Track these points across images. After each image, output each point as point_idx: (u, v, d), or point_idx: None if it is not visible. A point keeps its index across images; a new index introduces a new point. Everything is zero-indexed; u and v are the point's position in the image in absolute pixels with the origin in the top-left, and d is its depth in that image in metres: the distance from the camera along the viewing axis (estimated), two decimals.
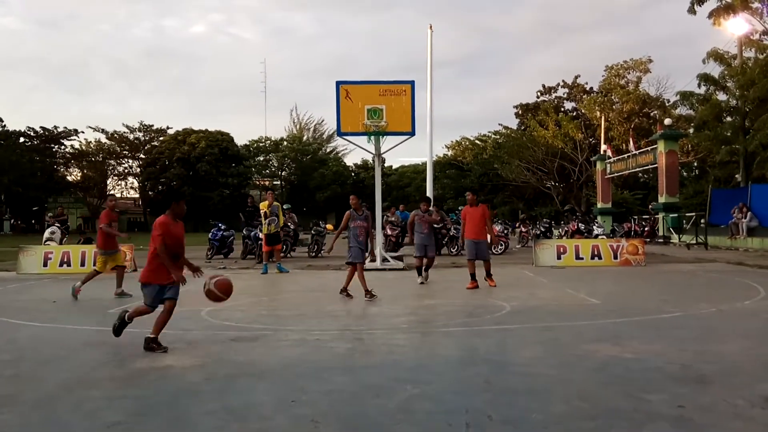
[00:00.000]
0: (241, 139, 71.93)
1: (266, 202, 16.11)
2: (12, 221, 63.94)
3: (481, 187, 62.39)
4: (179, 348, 6.49)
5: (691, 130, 36.58)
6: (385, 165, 55.30)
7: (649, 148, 30.70)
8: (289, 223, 20.30)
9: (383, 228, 18.53)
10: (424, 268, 12.59)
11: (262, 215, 15.93)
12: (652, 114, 49.64)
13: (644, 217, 32.23)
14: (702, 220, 25.32)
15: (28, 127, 66.19)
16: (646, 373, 5.19)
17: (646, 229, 28.83)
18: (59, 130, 67.20)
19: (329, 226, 22.72)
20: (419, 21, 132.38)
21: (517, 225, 34.22)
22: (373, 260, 14.60)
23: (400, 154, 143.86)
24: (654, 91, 50.31)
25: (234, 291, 6.77)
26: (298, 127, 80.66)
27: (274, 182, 75.05)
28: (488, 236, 11.91)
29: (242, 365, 5.70)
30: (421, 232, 12.47)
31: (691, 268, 15.77)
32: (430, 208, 13.18)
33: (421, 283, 12.33)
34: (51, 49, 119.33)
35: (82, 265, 16.03)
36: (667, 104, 47.92)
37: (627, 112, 48.61)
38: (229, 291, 6.68)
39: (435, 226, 14.94)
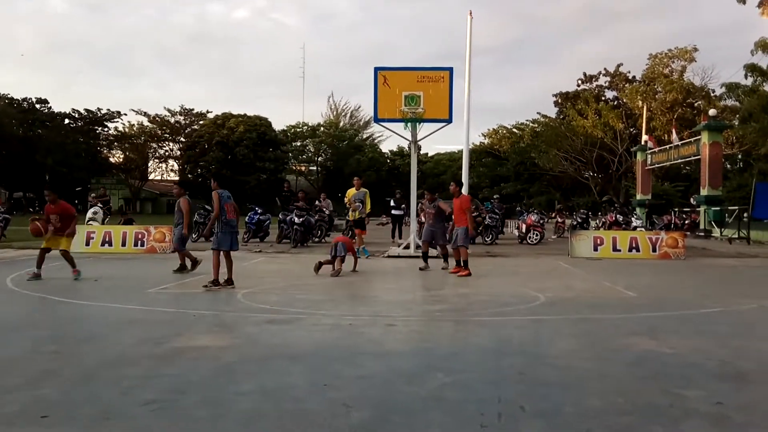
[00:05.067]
0: (278, 125, 72.45)
1: (352, 190, 16.22)
2: None
3: (517, 176, 62.00)
4: (216, 329, 6.61)
5: (736, 122, 35.57)
6: (421, 152, 54.96)
7: (692, 139, 29.88)
8: (324, 209, 20.44)
9: (417, 215, 18.50)
10: (442, 258, 12.98)
11: (346, 203, 16.33)
12: (696, 104, 48.43)
13: (685, 209, 31.56)
14: (745, 214, 24.61)
15: (73, 109, 67.55)
16: (683, 369, 5.09)
17: (686, 222, 28.22)
18: (103, 112, 68.38)
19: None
20: (460, 8, 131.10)
21: (552, 215, 33.84)
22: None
23: (436, 141, 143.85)
24: (699, 81, 49.06)
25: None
26: (335, 113, 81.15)
27: (311, 167, 75.58)
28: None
29: (277, 347, 5.77)
30: (427, 222, 13.12)
31: (733, 263, 15.43)
32: (437, 199, 13.04)
33: (421, 269, 12.62)
34: (96, 32, 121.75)
35: (123, 245, 16.42)
36: (712, 95, 46.74)
37: (670, 102, 47.48)
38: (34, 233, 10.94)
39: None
